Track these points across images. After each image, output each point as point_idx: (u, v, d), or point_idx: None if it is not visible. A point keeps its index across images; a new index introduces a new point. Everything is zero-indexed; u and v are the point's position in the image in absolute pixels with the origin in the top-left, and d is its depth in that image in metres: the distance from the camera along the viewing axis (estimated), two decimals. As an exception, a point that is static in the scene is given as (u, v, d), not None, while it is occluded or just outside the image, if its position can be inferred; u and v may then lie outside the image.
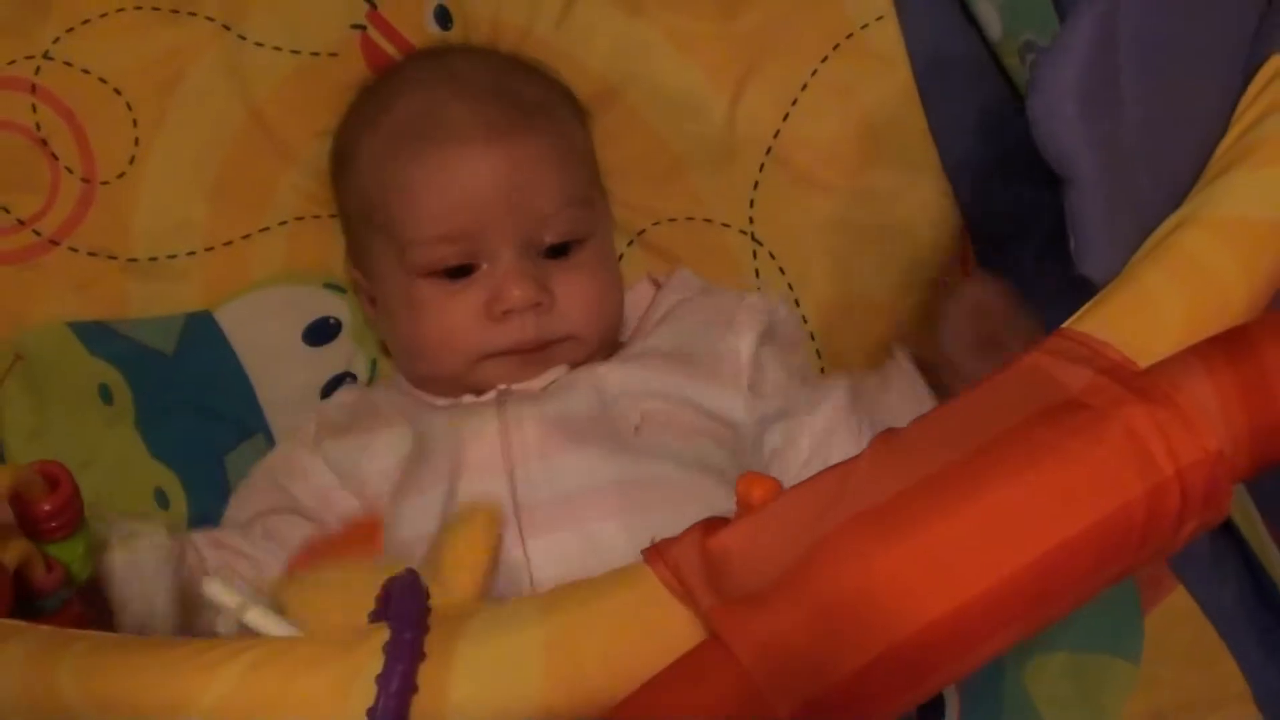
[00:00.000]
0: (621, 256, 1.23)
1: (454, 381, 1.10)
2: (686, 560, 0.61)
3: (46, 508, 0.89)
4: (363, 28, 1.23)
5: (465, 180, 1.07)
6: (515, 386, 1.07)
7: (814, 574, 0.58)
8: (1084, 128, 0.70)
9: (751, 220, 1.23)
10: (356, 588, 0.71)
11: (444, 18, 1.25)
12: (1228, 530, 1.06)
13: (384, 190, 1.11)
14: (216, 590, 0.72)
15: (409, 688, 0.60)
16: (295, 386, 1.20)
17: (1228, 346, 0.64)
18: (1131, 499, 0.60)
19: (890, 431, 0.64)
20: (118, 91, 1.20)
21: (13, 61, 1.19)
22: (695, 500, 1.00)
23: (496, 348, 1.07)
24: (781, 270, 1.23)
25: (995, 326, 1.02)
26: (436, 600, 0.65)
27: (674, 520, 0.97)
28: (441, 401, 1.10)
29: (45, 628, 0.67)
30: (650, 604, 0.61)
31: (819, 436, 1.09)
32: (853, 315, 1.22)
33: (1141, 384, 0.62)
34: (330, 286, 1.22)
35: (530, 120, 1.10)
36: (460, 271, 1.08)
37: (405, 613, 0.63)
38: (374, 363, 1.23)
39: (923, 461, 0.61)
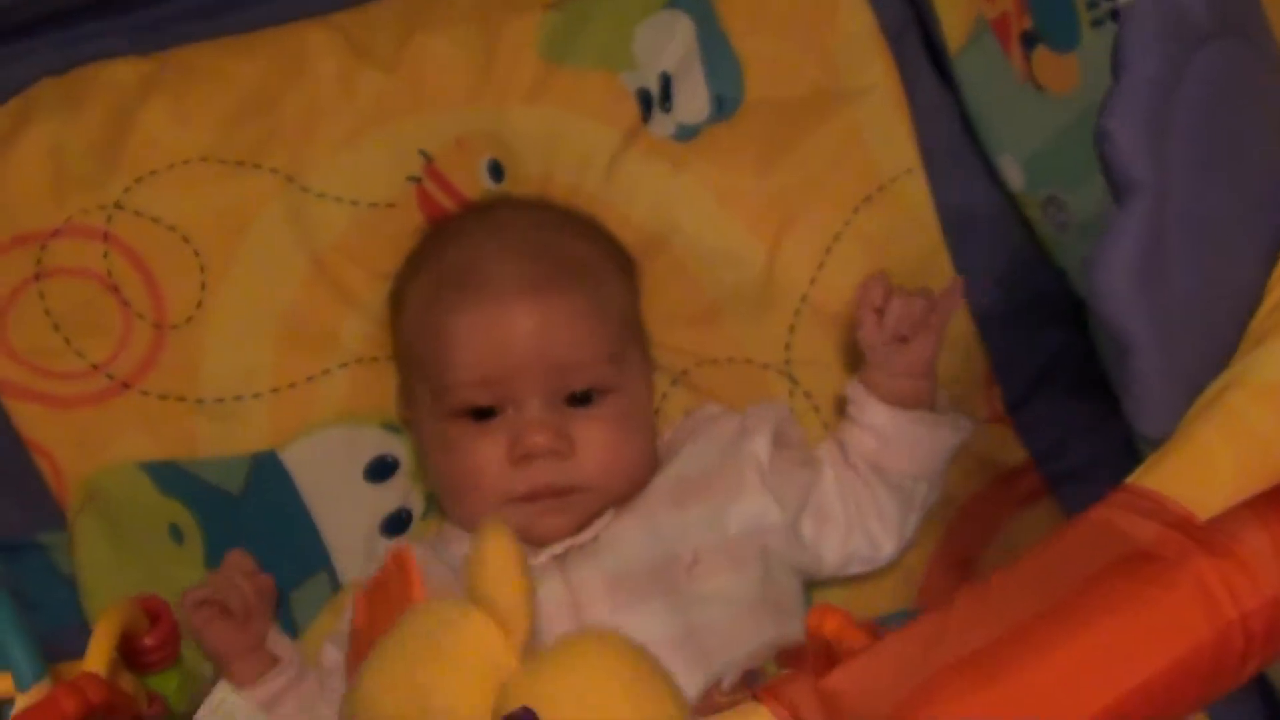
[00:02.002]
0: (665, 396, 1.29)
1: None
2: (803, 700, 0.66)
3: (149, 642, 0.94)
4: (419, 180, 1.29)
5: (498, 332, 1.14)
6: (567, 543, 1.13)
7: (920, 713, 0.63)
8: (1140, 302, 0.76)
9: (788, 361, 1.29)
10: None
11: (497, 172, 1.31)
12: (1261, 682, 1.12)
13: (424, 336, 1.18)
14: None
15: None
16: (357, 524, 1.25)
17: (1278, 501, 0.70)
18: (1201, 642, 0.65)
19: (979, 583, 0.69)
20: (186, 239, 1.26)
21: (85, 211, 1.25)
22: (748, 638, 1.09)
23: (516, 492, 1.14)
24: (816, 409, 1.29)
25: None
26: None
27: (729, 660, 1.05)
28: None
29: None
30: None
31: (844, 510, 1.19)
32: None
33: (1205, 536, 0.68)
34: (387, 426, 1.27)
35: (567, 278, 1.17)
36: (487, 414, 1.15)
37: None
38: (428, 497, 1.27)
39: (1011, 610, 0.67)
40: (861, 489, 1.20)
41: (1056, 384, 1.29)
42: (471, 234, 1.21)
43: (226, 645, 1.12)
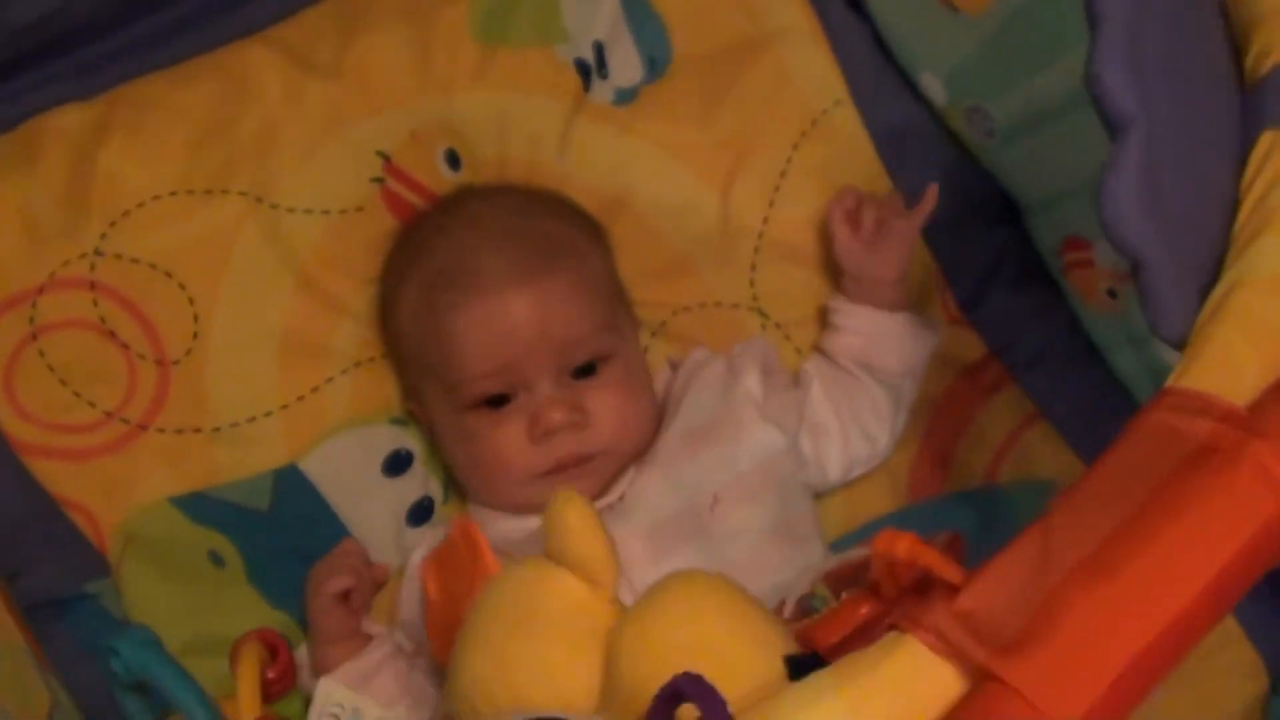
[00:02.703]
0: (647, 349, 1.35)
1: (517, 503, 1.22)
2: (946, 625, 0.74)
3: (271, 675, 0.99)
4: (381, 180, 1.33)
5: (498, 326, 1.20)
6: (600, 504, 1.20)
7: (1056, 616, 0.72)
8: (1146, 223, 0.85)
9: (755, 298, 1.37)
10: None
11: (454, 160, 1.35)
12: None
13: (426, 339, 1.23)
14: None
15: (745, 769, 0.72)
16: (384, 518, 1.30)
17: (1305, 381, 0.80)
18: (1270, 516, 0.76)
19: (1065, 494, 0.78)
20: (169, 274, 1.28)
21: (67, 262, 1.27)
22: (777, 563, 1.18)
23: (543, 467, 1.21)
24: (787, 337, 1.37)
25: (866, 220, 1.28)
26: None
27: (769, 587, 1.13)
28: (520, 524, 1.22)
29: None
30: (919, 664, 0.73)
31: (836, 417, 1.28)
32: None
33: (1253, 424, 0.78)
34: (395, 421, 1.32)
35: (553, 259, 1.23)
36: (500, 400, 1.21)
37: (713, 708, 0.75)
38: (445, 484, 1.33)
39: (1103, 514, 0.76)
40: (856, 387, 1.29)
41: (1002, 279, 1.39)
42: (451, 231, 1.25)
43: (339, 629, 1.19)
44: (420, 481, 1.32)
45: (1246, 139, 0.93)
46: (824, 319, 1.35)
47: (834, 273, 1.35)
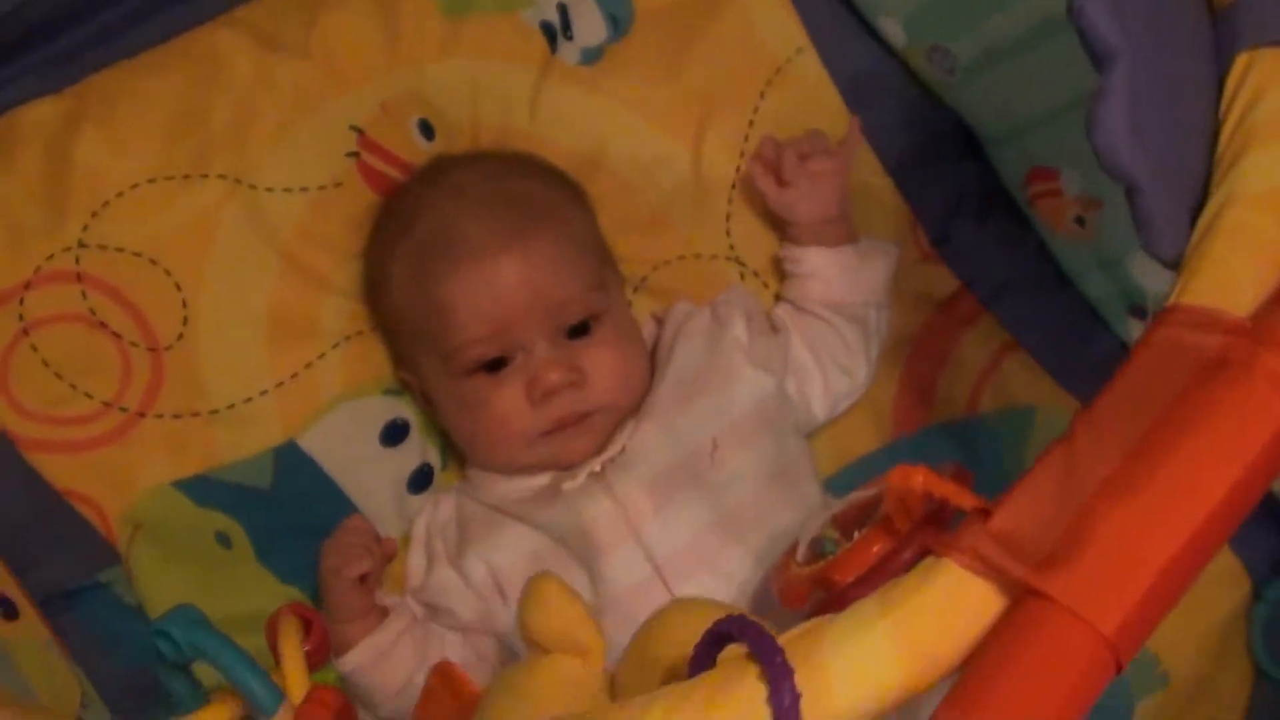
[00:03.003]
0: (630, 303, 1.37)
1: (520, 464, 1.25)
2: (983, 546, 0.76)
3: (308, 648, 1.00)
4: (357, 155, 1.34)
5: (490, 290, 1.21)
6: (600, 460, 1.22)
7: (1089, 530, 0.74)
8: (1136, 150, 0.88)
9: (732, 247, 1.39)
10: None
11: (427, 130, 1.36)
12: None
13: (419, 310, 1.24)
14: None
15: (796, 696, 0.74)
16: (386, 488, 1.31)
17: (1303, 290, 0.84)
18: (1284, 419, 0.79)
19: (1085, 413, 0.81)
20: (154, 261, 1.29)
21: (51, 256, 1.27)
22: (776, 506, 1.22)
23: (543, 427, 1.22)
24: (765, 284, 1.40)
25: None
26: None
27: (770, 531, 1.16)
28: (523, 484, 1.25)
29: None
30: (959, 586, 0.75)
31: (813, 358, 1.31)
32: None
33: (1260, 334, 0.81)
34: (388, 392, 1.33)
35: (538, 221, 1.24)
36: (498, 364, 1.22)
37: (764, 642, 0.76)
38: (443, 450, 1.35)
39: (1125, 430, 0.80)
40: (824, 329, 1.32)
41: (969, 213, 1.42)
42: (434, 202, 1.26)
43: (358, 608, 1.20)
44: (418, 449, 1.33)
45: (1222, 64, 0.96)
46: (779, 269, 1.37)
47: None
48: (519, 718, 0.90)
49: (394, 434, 1.33)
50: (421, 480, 1.33)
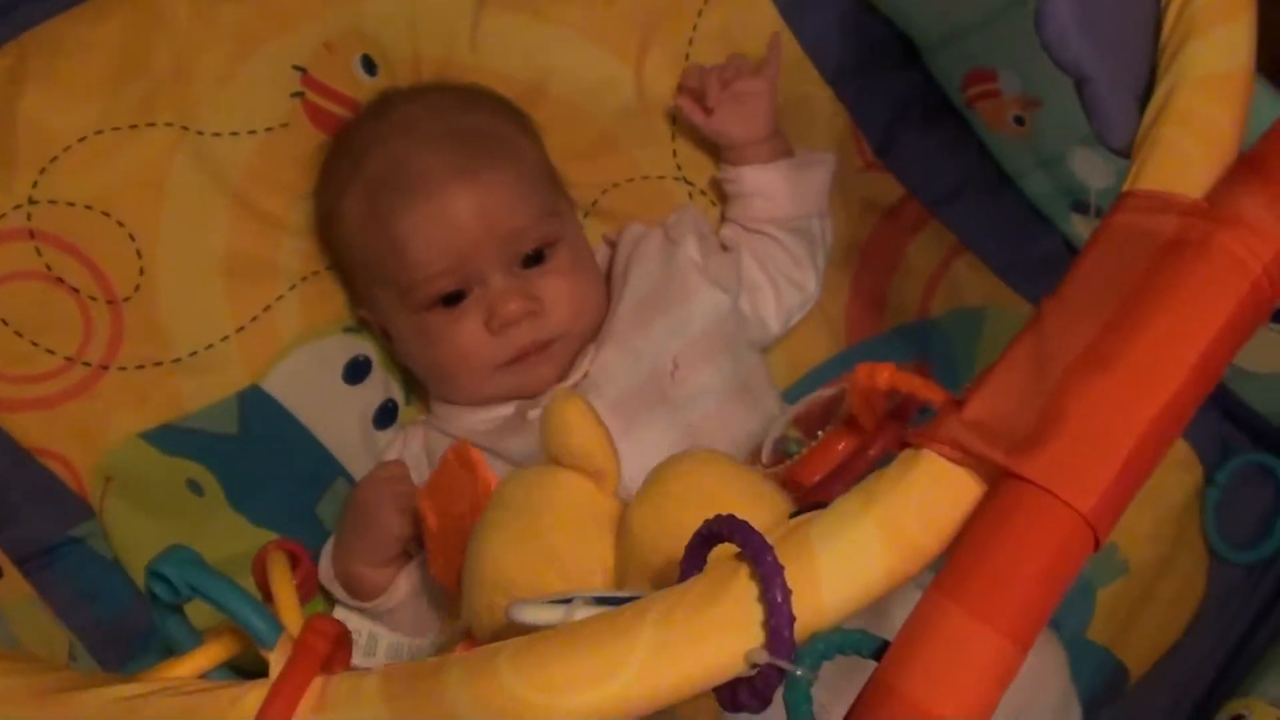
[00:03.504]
0: (582, 227, 1.37)
1: (484, 395, 1.26)
2: (960, 434, 0.78)
3: (295, 582, 1.01)
4: (301, 94, 1.34)
5: (444, 223, 1.21)
6: (563, 387, 1.23)
7: (1063, 408, 0.76)
8: (1085, 40, 0.90)
9: (679, 167, 1.41)
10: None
11: (370, 66, 1.36)
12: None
13: (374, 246, 1.25)
14: (533, 614, 0.80)
15: (788, 593, 0.76)
16: (352, 425, 1.32)
17: (1254, 170, 0.86)
18: (1243, 295, 0.81)
19: (1052, 299, 0.83)
20: (107, 214, 1.27)
21: (2, 215, 1.25)
22: (741, 418, 1.24)
23: (504, 358, 1.23)
24: (714, 202, 1.41)
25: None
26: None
27: (735, 443, 1.17)
28: (489, 415, 1.26)
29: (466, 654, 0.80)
30: (939, 474, 0.76)
31: (764, 274, 1.33)
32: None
33: (1215, 214, 0.84)
34: (348, 330, 1.34)
35: (488, 152, 1.25)
36: (456, 297, 1.23)
37: (754, 541, 0.78)
38: (406, 385, 1.35)
39: (1093, 311, 0.82)
40: (770, 245, 1.34)
41: (910, 120, 1.43)
42: (383, 138, 1.26)
43: (388, 556, 1.20)
44: (381, 385, 1.34)
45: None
46: (720, 190, 1.39)
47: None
48: (529, 528, 0.93)
49: (356, 371, 1.33)
50: (386, 416, 1.34)
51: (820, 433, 1.03)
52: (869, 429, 1.02)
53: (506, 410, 1.25)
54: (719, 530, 0.81)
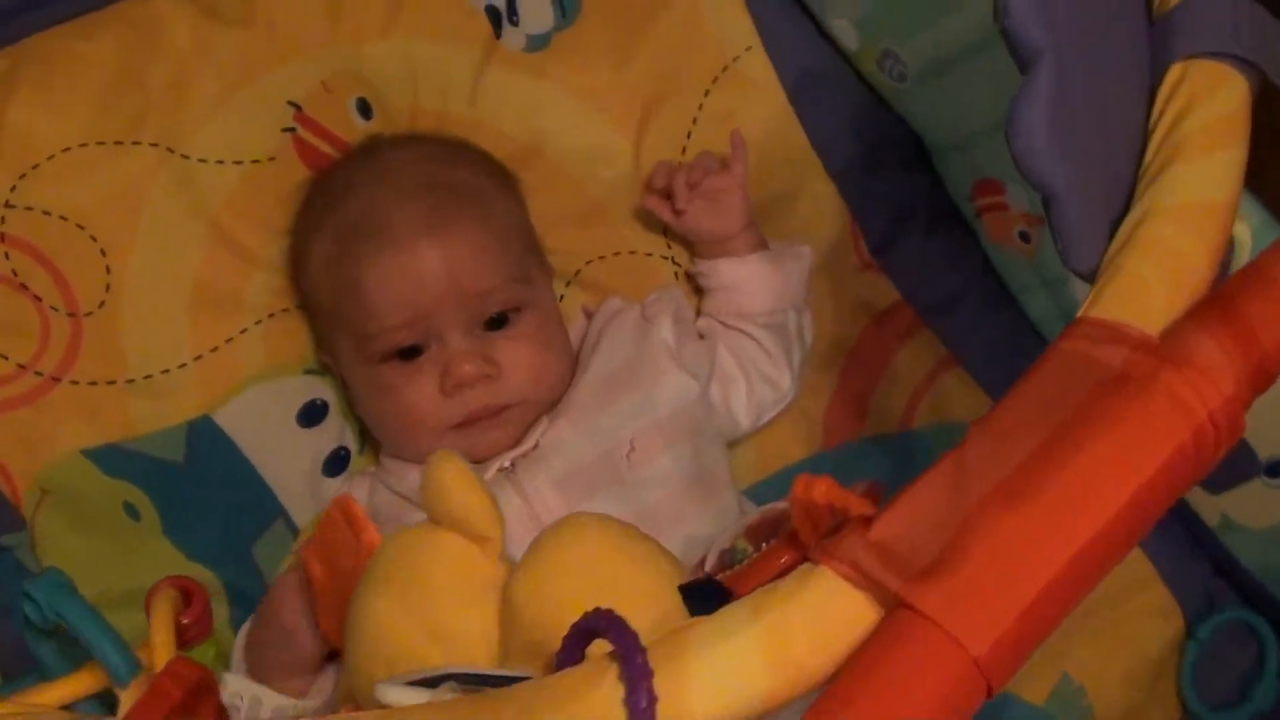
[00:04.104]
0: (562, 297, 1.35)
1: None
2: (860, 555, 0.74)
3: (185, 620, 0.98)
4: (293, 130, 1.32)
5: (408, 277, 1.18)
6: (511, 455, 1.20)
7: (970, 541, 0.73)
8: (1056, 154, 0.86)
9: (669, 245, 1.38)
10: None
11: (365, 110, 1.35)
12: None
13: (337, 291, 1.22)
14: (397, 695, 0.77)
15: (653, 700, 0.72)
16: (300, 469, 1.29)
17: (1216, 309, 0.82)
18: (1183, 441, 0.77)
19: (979, 423, 0.79)
20: (81, 226, 1.26)
21: (-25, 216, 1.24)
22: (692, 512, 1.20)
23: (455, 419, 1.20)
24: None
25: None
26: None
27: (684, 538, 1.13)
28: None
29: None
30: (834, 594, 0.73)
31: (739, 367, 1.30)
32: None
33: (1165, 352, 0.79)
34: (310, 372, 1.31)
35: (462, 209, 1.22)
36: (412, 352, 1.20)
37: (625, 641, 0.74)
38: (361, 434, 1.32)
39: (1019, 441, 0.78)
40: (743, 340, 1.30)
41: (914, 224, 1.40)
42: (361, 183, 1.24)
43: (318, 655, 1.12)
44: (336, 431, 1.31)
45: (1155, 72, 0.94)
46: (694, 284, 1.36)
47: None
48: (408, 594, 0.89)
49: (312, 415, 1.31)
50: (338, 464, 1.31)
51: (764, 545, 1.00)
52: (809, 544, 0.98)
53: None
54: (594, 625, 0.78)
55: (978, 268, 1.38)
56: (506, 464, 1.20)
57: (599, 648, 0.73)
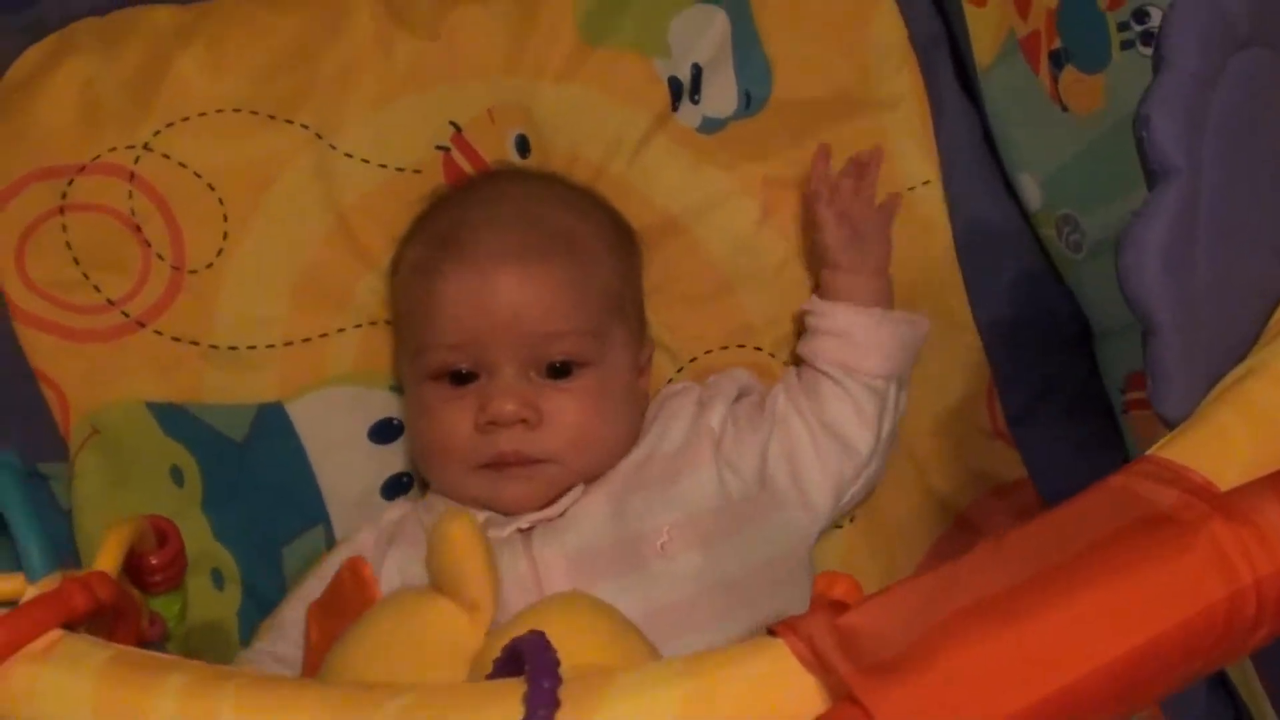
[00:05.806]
0: (671, 380, 1.29)
1: (460, 493, 1.17)
2: (819, 634, 0.66)
3: (154, 561, 0.94)
4: (447, 149, 1.31)
5: (477, 298, 1.15)
6: (534, 517, 1.14)
7: (939, 648, 0.64)
8: (1166, 284, 0.78)
9: (793, 355, 1.30)
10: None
11: (523, 146, 1.33)
12: (1223, 684, 1.13)
13: (410, 298, 1.21)
14: None
15: (548, 725, 0.65)
16: (357, 483, 1.25)
17: (1298, 475, 0.71)
18: (1215, 602, 0.66)
19: (995, 536, 0.70)
20: (211, 187, 1.27)
21: (114, 149, 1.26)
22: (711, 619, 1.10)
23: (483, 459, 1.14)
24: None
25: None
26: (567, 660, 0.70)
27: (686, 645, 1.03)
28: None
29: (202, 663, 0.71)
30: (781, 671, 0.65)
31: (795, 417, 1.21)
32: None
33: (1224, 503, 0.69)
34: (395, 389, 1.28)
35: (551, 250, 1.18)
36: (463, 378, 1.15)
37: (541, 665, 0.68)
38: (427, 466, 1.28)
39: (1026, 562, 0.68)
40: (830, 387, 1.21)
41: (1057, 403, 1.30)
42: (465, 202, 1.22)
43: None
44: (405, 456, 1.27)
45: (1304, 239, 0.85)
46: (801, 324, 1.28)
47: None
48: (383, 654, 0.89)
49: (386, 432, 1.27)
50: (397, 487, 1.26)
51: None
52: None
53: (477, 519, 1.15)
54: (521, 647, 0.71)
55: (1114, 465, 1.26)
56: (526, 525, 1.13)
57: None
